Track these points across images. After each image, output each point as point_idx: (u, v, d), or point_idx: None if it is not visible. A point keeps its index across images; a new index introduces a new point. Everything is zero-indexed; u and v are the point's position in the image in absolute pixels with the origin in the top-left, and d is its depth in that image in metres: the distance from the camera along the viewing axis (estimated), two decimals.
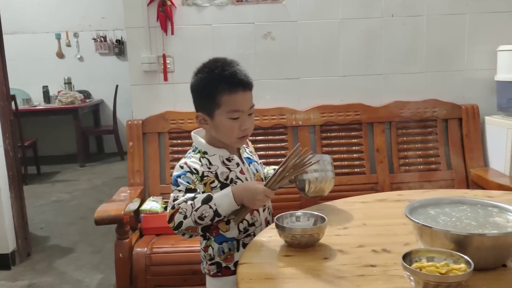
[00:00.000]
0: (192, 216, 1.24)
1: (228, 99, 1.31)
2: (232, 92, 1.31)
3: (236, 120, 1.33)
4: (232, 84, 1.31)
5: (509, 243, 1.00)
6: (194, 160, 1.35)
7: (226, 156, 1.39)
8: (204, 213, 1.24)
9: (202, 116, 1.37)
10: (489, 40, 2.65)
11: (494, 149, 2.64)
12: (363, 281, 0.99)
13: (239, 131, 1.34)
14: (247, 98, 1.34)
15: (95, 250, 3.12)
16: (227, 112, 1.32)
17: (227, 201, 1.25)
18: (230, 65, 1.34)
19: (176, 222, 1.26)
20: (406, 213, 1.08)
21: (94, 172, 5.34)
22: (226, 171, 1.37)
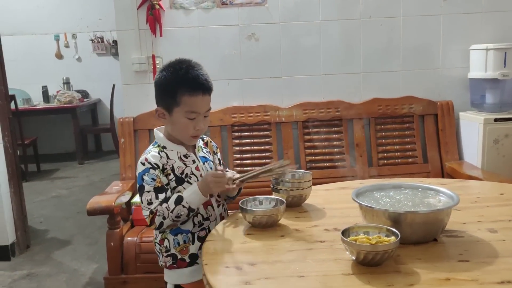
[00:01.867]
0: (169, 217, 1.36)
1: (188, 100, 1.39)
2: (192, 94, 1.39)
3: (192, 120, 1.42)
4: (193, 87, 1.39)
5: (437, 219, 1.14)
6: (153, 154, 1.43)
7: (183, 152, 1.47)
8: (179, 212, 1.36)
9: (161, 110, 1.45)
10: (462, 40, 2.78)
11: (468, 143, 2.77)
12: (310, 253, 1.13)
13: (193, 130, 1.43)
14: (205, 101, 1.43)
15: (91, 242, 3.27)
16: (185, 112, 1.40)
17: (197, 197, 1.37)
18: (194, 68, 1.43)
19: (157, 224, 1.39)
20: (353, 196, 1.23)
21: (92, 169, 5.50)
22: (182, 166, 1.45)
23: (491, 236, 1.19)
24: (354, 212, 1.37)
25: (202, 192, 1.37)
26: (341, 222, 1.31)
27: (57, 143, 6.33)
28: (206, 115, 1.46)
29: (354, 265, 1.05)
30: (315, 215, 1.41)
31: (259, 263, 1.10)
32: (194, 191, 1.38)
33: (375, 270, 1.03)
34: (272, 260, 1.11)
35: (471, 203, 1.44)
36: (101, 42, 6.28)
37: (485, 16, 2.77)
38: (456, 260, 1.07)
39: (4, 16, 5.94)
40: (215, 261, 1.13)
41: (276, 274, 1.04)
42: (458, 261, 1.06)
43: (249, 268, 1.08)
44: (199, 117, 1.43)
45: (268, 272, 1.05)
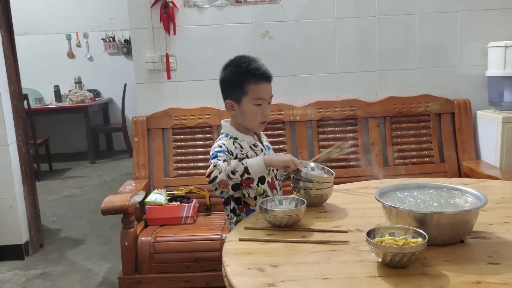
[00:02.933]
0: (225, 170, 1.44)
1: (254, 88, 1.56)
2: (258, 82, 1.56)
3: (259, 106, 1.57)
4: (257, 75, 1.56)
5: (464, 220, 1.11)
6: (229, 143, 1.58)
7: (252, 142, 1.63)
8: (236, 168, 1.43)
9: (230, 102, 1.61)
10: (480, 37, 2.73)
11: (486, 143, 2.72)
12: (334, 254, 1.11)
13: (261, 117, 1.59)
14: (268, 88, 1.59)
15: (104, 241, 3.27)
16: (253, 99, 1.56)
17: (257, 163, 1.46)
18: (254, 61, 1.60)
19: (212, 176, 1.47)
20: (376, 196, 1.20)
21: (103, 168, 5.51)
22: (254, 154, 1.60)
23: None
24: (376, 213, 1.34)
25: (264, 161, 1.45)
26: (363, 222, 1.28)
27: (69, 142, 6.35)
28: (270, 102, 1.62)
29: (380, 267, 1.02)
30: (336, 216, 1.38)
31: (281, 264, 1.07)
32: (258, 159, 1.48)
33: (402, 272, 1.00)
34: (295, 261, 1.09)
35: (496, 204, 1.40)
36: (113, 41, 6.29)
37: (503, 13, 2.72)
38: (486, 262, 1.04)
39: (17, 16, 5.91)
40: (236, 262, 1.10)
41: (300, 276, 1.01)
42: (488, 263, 1.03)
43: (272, 269, 1.05)
44: (265, 103, 1.59)
45: (291, 274, 1.02)
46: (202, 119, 2.73)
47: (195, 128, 2.74)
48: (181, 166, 2.72)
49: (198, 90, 2.78)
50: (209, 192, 2.64)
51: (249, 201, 1.62)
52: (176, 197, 2.55)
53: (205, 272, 2.24)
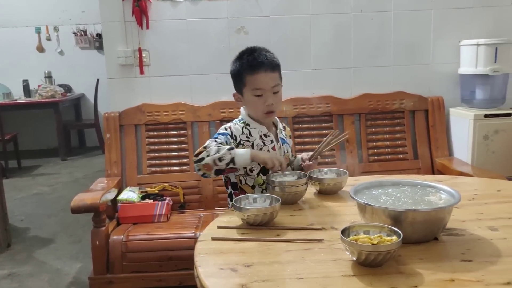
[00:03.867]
0: (212, 155, 1.45)
1: (251, 78, 1.56)
2: (254, 73, 1.55)
3: (260, 97, 1.56)
4: (253, 66, 1.55)
5: (438, 218, 1.11)
6: (237, 128, 1.61)
7: (264, 132, 1.63)
8: (224, 156, 1.45)
9: (236, 95, 1.65)
10: (453, 35, 2.77)
11: (458, 139, 2.76)
12: (308, 253, 1.09)
13: (264, 107, 1.57)
14: (268, 77, 1.56)
15: (75, 240, 3.19)
16: (251, 90, 1.57)
17: (244, 155, 1.46)
18: (255, 50, 1.59)
19: (199, 157, 1.47)
20: (351, 194, 1.19)
21: (75, 165, 5.38)
22: (261, 144, 1.61)
23: (492, 235, 1.16)
24: (350, 210, 1.33)
25: (250, 153, 1.47)
26: (338, 220, 1.27)
27: (38, 138, 6.17)
28: (275, 91, 1.58)
29: (354, 266, 1.01)
30: (311, 213, 1.37)
31: (255, 264, 1.05)
32: (245, 151, 1.48)
33: (376, 271, 0.98)
34: (268, 261, 1.06)
35: (469, 200, 1.41)
36: (84, 35, 6.14)
37: (475, 11, 2.76)
38: (459, 259, 1.03)
39: None
40: (209, 263, 1.07)
41: (274, 276, 0.99)
42: (461, 260, 1.03)
43: (245, 269, 1.02)
44: (267, 93, 1.56)
45: (265, 274, 1.00)
46: (176, 115, 2.68)
47: (168, 125, 2.69)
48: (154, 163, 2.67)
49: (172, 86, 2.72)
50: (183, 189, 2.60)
51: (246, 188, 1.64)
52: (149, 194, 2.50)
53: (178, 271, 2.20)
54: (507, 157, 2.62)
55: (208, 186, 2.64)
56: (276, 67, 1.60)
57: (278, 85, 1.60)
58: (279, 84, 1.61)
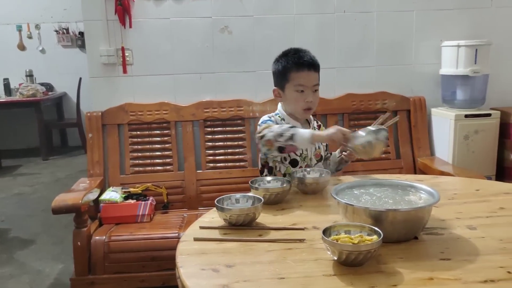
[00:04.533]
0: (274, 131, 1.55)
1: (295, 75, 1.70)
2: (299, 70, 1.69)
3: (302, 93, 1.70)
4: (299, 63, 1.69)
5: (418, 217, 1.12)
6: (277, 118, 1.76)
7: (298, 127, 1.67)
8: (284, 132, 1.53)
9: (277, 90, 1.78)
10: (434, 36, 2.80)
11: (439, 139, 2.80)
12: (290, 253, 1.09)
13: (303, 103, 1.71)
14: (311, 76, 1.71)
15: (56, 241, 3.15)
16: (294, 86, 1.70)
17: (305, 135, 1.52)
18: (300, 51, 1.75)
19: (262, 133, 1.59)
20: (333, 194, 1.19)
21: (57, 165, 5.31)
22: None
23: (471, 233, 1.18)
24: (333, 210, 1.34)
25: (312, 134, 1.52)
26: (320, 220, 1.28)
27: (19, 138, 6.07)
28: (315, 89, 1.73)
29: (335, 266, 1.02)
30: (293, 213, 1.37)
31: (237, 264, 1.05)
32: (307, 131, 1.54)
33: (357, 270, 0.99)
34: (250, 261, 1.07)
35: (449, 200, 1.43)
36: (67, 33, 6.06)
37: (457, 13, 2.80)
38: (438, 258, 1.05)
39: None
40: (190, 263, 1.07)
41: (255, 277, 0.99)
42: (440, 259, 1.05)
43: (227, 270, 1.02)
44: (308, 90, 1.70)
45: (246, 274, 1.00)
46: (159, 115, 2.66)
47: (152, 124, 2.67)
48: (137, 163, 2.65)
49: (156, 85, 2.71)
50: (167, 189, 2.58)
51: (279, 175, 1.74)
52: (132, 194, 2.48)
53: (162, 271, 2.19)
54: (486, 156, 2.67)
55: (191, 186, 2.63)
56: (317, 68, 1.74)
57: (318, 84, 1.75)
58: (318, 84, 1.75)
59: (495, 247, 1.10)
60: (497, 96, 2.84)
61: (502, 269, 0.98)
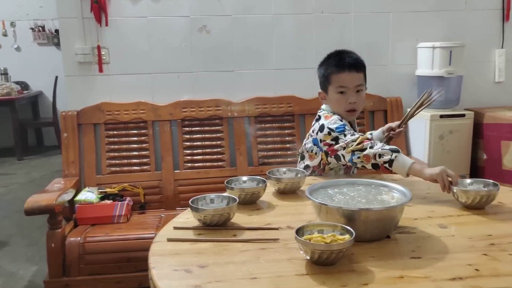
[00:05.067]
0: (377, 149, 1.50)
1: (336, 77, 1.69)
2: (340, 71, 1.68)
3: (343, 94, 1.68)
4: (339, 65, 1.68)
5: (390, 216, 1.13)
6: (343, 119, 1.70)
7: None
8: (385, 155, 1.49)
9: (322, 93, 1.78)
10: (410, 37, 2.84)
11: (415, 139, 2.84)
12: (263, 253, 1.09)
13: (346, 104, 1.68)
14: (352, 77, 1.67)
15: (31, 242, 3.09)
16: (336, 87, 1.69)
17: (403, 163, 1.46)
18: (343, 52, 1.73)
19: (362, 145, 1.53)
20: (307, 193, 1.20)
21: (32, 165, 5.21)
22: None
23: (441, 232, 1.20)
24: (307, 209, 1.35)
25: (410, 167, 1.45)
26: (295, 219, 1.28)
27: None
28: (358, 90, 1.69)
29: (308, 265, 1.02)
30: (268, 213, 1.37)
31: (210, 265, 1.04)
32: (408, 161, 1.47)
33: (329, 269, 1.00)
34: (223, 261, 1.06)
35: (421, 199, 1.45)
36: (42, 31, 5.95)
37: (432, 15, 2.85)
38: (409, 257, 1.06)
39: None
40: (163, 264, 1.06)
41: (228, 277, 0.99)
42: (411, 258, 1.06)
43: (200, 270, 1.02)
44: (349, 91, 1.68)
45: (219, 275, 0.99)
46: (136, 114, 2.64)
47: (129, 124, 2.65)
48: (114, 163, 2.61)
49: (133, 84, 2.68)
50: (144, 189, 2.56)
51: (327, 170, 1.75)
52: (109, 195, 2.45)
53: (138, 272, 2.16)
54: (461, 156, 2.72)
55: (169, 186, 2.61)
56: (361, 68, 1.71)
57: (361, 85, 1.71)
58: (362, 84, 1.72)
59: (465, 245, 1.12)
60: (471, 97, 2.90)
61: (470, 266, 1.00)
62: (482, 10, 2.89)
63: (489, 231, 1.19)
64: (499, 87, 2.98)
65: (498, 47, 2.93)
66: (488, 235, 1.17)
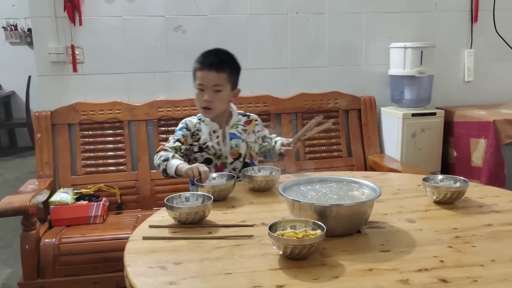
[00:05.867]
0: (156, 161, 1.72)
1: (197, 74, 1.76)
2: (200, 69, 1.75)
3: (201, 92, 1.75)
4: (200, 63, 1.76)
5: (361, 211, 1.17)
6: (192, 120, 1.84)
7: (214, 128, 1.82)
8: (160, 165, 1.70)
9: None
10: (383, 38, 2.91)
11: (388, 137, 2.91)
12: (238, 249, 1.12)
13: (202, 101, 1.75)
14: (210, 76, 1.73)
15: (4, 245, 3.04)
16: (196, 84, 1.77)
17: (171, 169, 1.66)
18: (213, 51, 1.81)
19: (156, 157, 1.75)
20: (280, 191, 1.23)
21: (6, 166, 5.10)
22: (207, 139, 1.80)
23: (410, 226, 1.24)
24: (281, 206, 1.37)
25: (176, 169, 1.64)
26: (269, 216, 1.31)
27: None
28: (216, 90, 1.74)
29: (281, 260, 1.05)
30: (243, 210, 1.40)
31: (185, 261, 1.06)
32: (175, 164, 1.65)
33: (301, 264, 1.03)
34: (198, 258, 1.08)
35: (392, 195, 1.50)
36: (15, 30, 5.83)
37: (403, 16, 2.91)
38: (378, 250, 1.10)
39: None
40: (138, 262, 1.07)
41: (202, 273, 1.01)
42: (380, 251, 1.10)
43: (174, 267, 1.04)
44: (207, 89, 1.74)
45: (194, 271, 1.01)
46: (112, 114, 2.62)
47: (104, 124, 2.63)
48: (89, 163, 2.59)
49: (108, 84, 2.66)
50: (120, 190, 2.55)
51: None
52: (84, 195, 2.43)
53: (114, 272, 2.15)
54: (432, 153, 2.80)
55: (146, 186, 2.61)
56: (224, 69, 1.76)
57: (220, 85, 1.75)
58: (222, 85, 1.76)
59: (431, 238, 1.16)
60: (441, 96, 2.98)
61: (436, 258, 1.05)
62: (452, 12, 2.97)
63: (454, 224, 1.25)
64: (469, 86, 3.07)
65: (467, 47, 3.02)
66: (453, 228, 1.22)
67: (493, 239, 1.15)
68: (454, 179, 1.45)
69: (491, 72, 3.07)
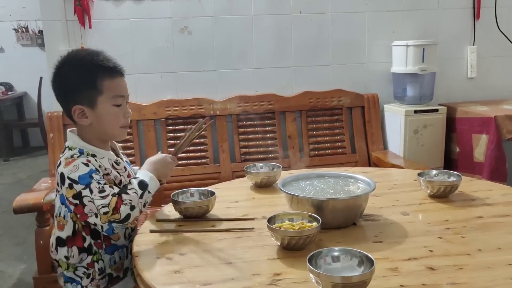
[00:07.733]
0: (139, 204, 1.19)
1: (110, 84, 1.27)
2: (113, 76, 1.28)
3: (120, 107, 1.29)
4: (111, 69, 1.29)
5: (356, 205, 1.24)
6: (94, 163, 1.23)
7: (113, 159, 1.33)
8: (147, 199, 1.22)
9: (80, 108, 1.27)
10: (386, 36, 2.95)
11: (392, 134, 2.95)
12: (239, 241, 1.19)
13: (122, 119, 1.30)
14: (125, 84, 1.33)
15: (19, 242, 3.14)
16: (111, 98, 1.27)
17: (155, 184, 1.27)
18: (100, 53, 1.31)
19: (122, 215, 1.15)
20: (279, 186, 1.30)
21: (18, 166, 5.23)
22: (117, 175, 1.30)
23: (403, 219, 1.30)
24: (282, 201, 1.44)
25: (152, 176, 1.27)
26: (269, 210, 1.37)
27: None
28: (128, 101, 1.35)
29: (279, 250, 1.12)
30: (245, 205, 1.47)
31: (189, 252, 1.13)
32: (151, 177, 1.26)
33: (298, 254, 1.09)
34: (202, 249, 1.15)
35: (388, 189, 1.56)
36: (26, 32, 5.95)
37: (406, 14, 2.95)
38: (372, 241, 1.16)
39: None
40: (146, 253, 1.15)
41: (206, 262, 1.08)
42: (373, 242, 1.16)
43: (179, 257, 1.11)
44: (124, 103, 1.31)
45: (197, 261, 1.09)
46: None
47: None
48: None
49: None
50: None
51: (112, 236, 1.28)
52: None
53: None
54: (435, 149, 2.84)
55: None
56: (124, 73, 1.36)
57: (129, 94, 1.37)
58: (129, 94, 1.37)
59: (423, 230, 1.22)
60: (443, 92, 3.02)
61: (425, 248, 1.11)
62: (454, 9, 3.01)
63: (446, 217, 1.30)
64: (471, 83, 3.10)
65: (470, 44, 3.06)
66: (445, 220, 1.28)
67: (482, 230, 1.21)
68: (448, 174, 1.51)
69: (493, 68, 3.10)
